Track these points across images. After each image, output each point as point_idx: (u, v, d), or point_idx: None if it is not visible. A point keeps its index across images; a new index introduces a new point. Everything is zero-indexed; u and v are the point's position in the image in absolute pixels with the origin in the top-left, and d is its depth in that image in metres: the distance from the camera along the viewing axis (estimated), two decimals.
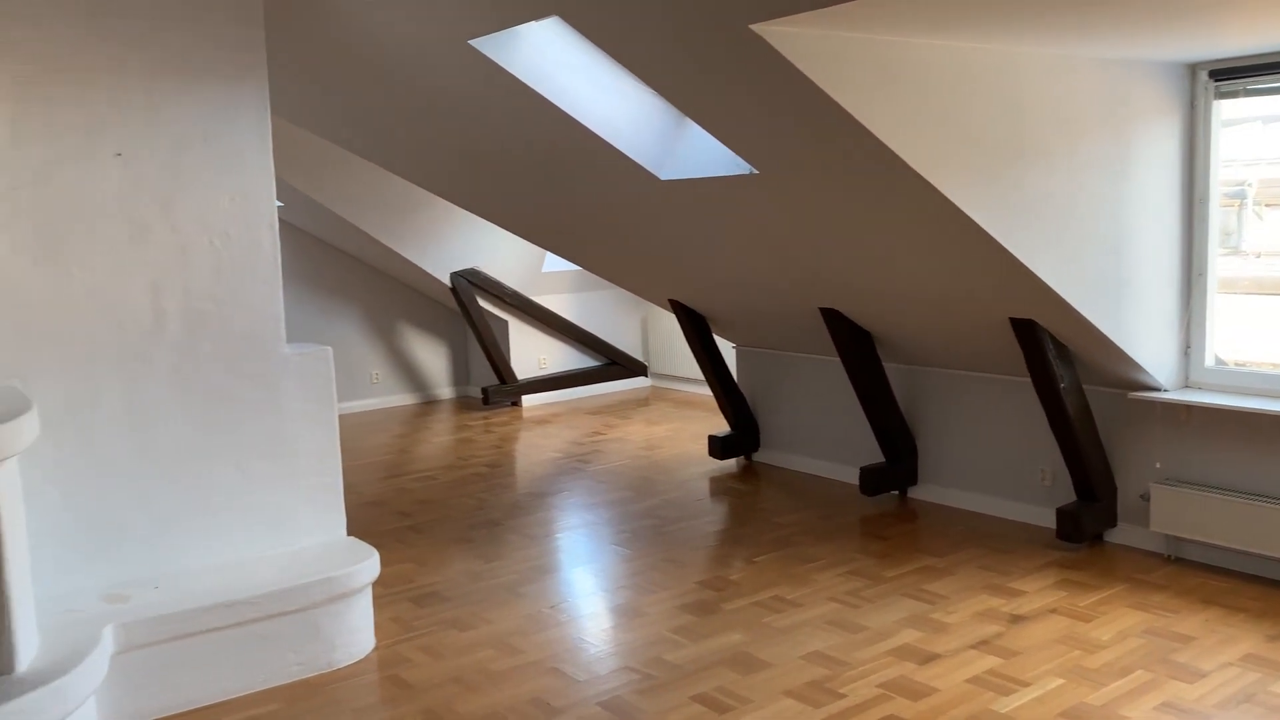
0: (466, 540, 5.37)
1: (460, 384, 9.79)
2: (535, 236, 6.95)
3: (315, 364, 4.09)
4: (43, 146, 3.49)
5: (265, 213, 3.93)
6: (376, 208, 8.05)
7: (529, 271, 9.00)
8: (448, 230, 8.53)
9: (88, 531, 3.63)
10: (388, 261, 8.87)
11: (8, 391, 3.33)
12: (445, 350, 9.73)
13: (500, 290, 8.90)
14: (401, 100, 5.30)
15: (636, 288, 7.10)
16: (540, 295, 9.18)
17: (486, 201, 6.55)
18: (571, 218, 6.00)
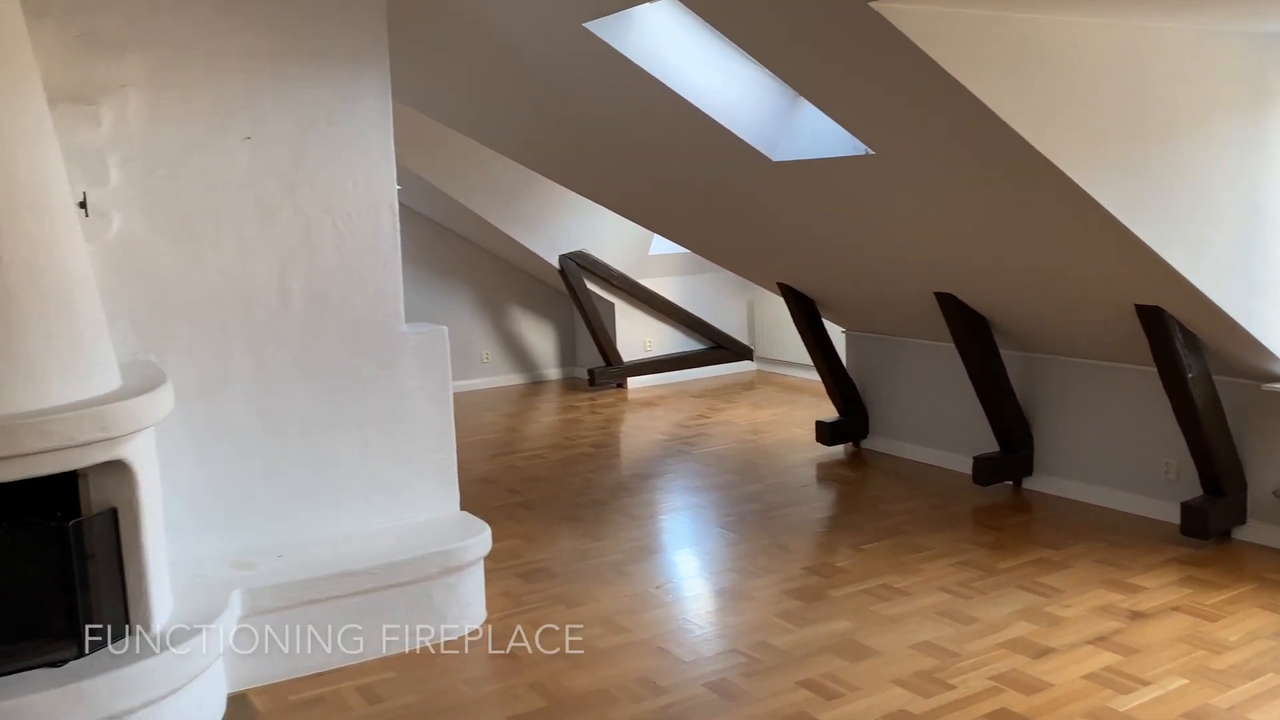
0: (573, 519, 5.44)
1: (567, 365, 9.90)
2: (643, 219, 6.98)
3: (432, 343, 4.19)
4: (178, 130, 3.64)
5: (386, 195, 4.03)
6: (489, 191, 8.18)
7: (636, 254, 9.03)
8: (557, 213, 8.62)
9: (217, 500, 3.80)
10: (499, 244, 9.01)
11: (145, 365, 3.50)
12: (552, 332, 9.84)
13: (607, 273, 8.95)
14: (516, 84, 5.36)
15: (744, 271, 7.07)
16: (647, 278, 9.20)
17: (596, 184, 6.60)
18: (681, 200, 6.00)
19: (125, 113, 3.53)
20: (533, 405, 8.76)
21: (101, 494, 3.08)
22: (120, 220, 3.55)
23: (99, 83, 3.48)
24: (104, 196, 3.51)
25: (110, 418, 2.92)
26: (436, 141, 7.38)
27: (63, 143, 3.24)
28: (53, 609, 3.05)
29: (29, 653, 2.96)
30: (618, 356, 9.10)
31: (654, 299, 9.23)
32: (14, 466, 2.80)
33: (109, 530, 3.08)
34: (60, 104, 3.35)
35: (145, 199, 3.59)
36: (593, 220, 8.65)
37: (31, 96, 3.03)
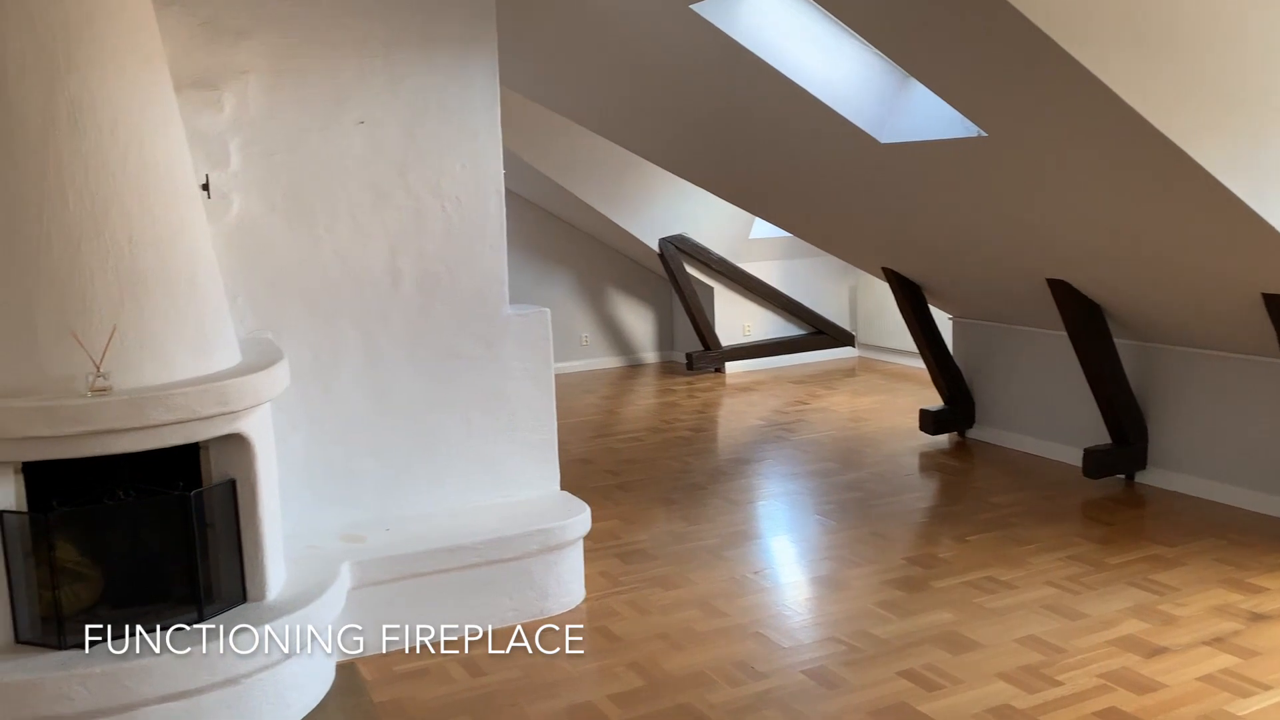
0: (671, 501, 5.46)
1: (665, 349, 9.92)
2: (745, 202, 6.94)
3: (535, 325, 4.24)
4: (295, 115, 3.75)
5: (493, 179, 4.09)
6: (591, 174, 8.23)
7: (736, 238, 8.98)
8: (657, 196, 8.62)
9: (328, 475, 3.91)
10: (599, 227, 9.06)
11: (262, 343, 3.62)
12: (651, 315, 9.87)
13: (707, 256, 8.93)
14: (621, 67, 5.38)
15: (848, 255, 6.97)
16: (747, 262, 9.15)
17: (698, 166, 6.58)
18: (784, 183, 5.95)
19: (246, 98, 3.65)
20: (630, 388, 8.81)
21: (221, 466, 3.20)
22: (240, 202, 3.68)
23: (221, 69, 3.60)
24: (225, 179, 3.64)
25: (230, 393, 3.03)
26: (540, 126, 7.45)
27: (187, 127, 3.36)
28: (174, 575, 3.19)
29: (152, 616, 3.09)
30: (716, 341, 9.08)
31: (753, 283, 9.17)
32: (141, 437, 2.92)
33: (228, 501, 3.20)
34: (185, 90, 3.48)
35: (264, 182, 3.71)
36: (693, 204, 8.63)
37: (160, 83, 3.15)
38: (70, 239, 2.91)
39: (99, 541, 3.16)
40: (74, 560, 3.08)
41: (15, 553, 2.93)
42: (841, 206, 5.85)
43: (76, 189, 2.92)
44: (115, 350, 2.89)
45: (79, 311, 2.90)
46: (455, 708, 3.30)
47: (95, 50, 2.96)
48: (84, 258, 2.91)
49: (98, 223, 2.93)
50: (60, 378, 2.87)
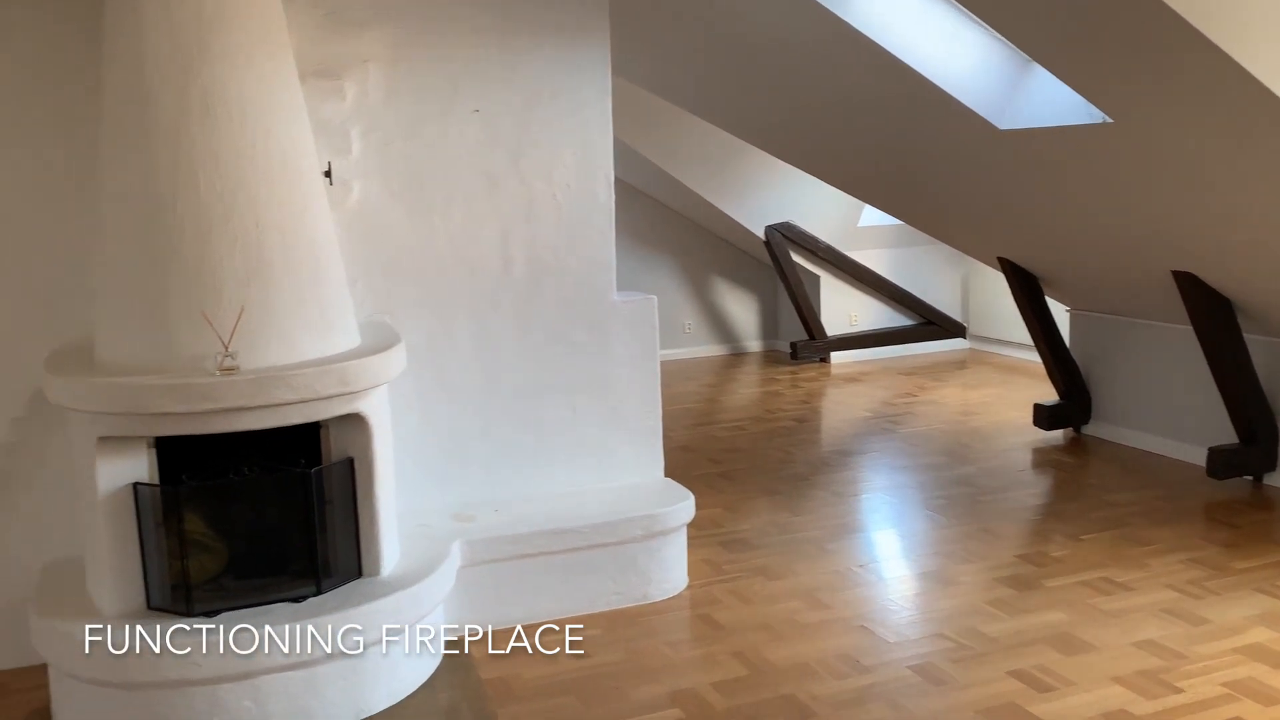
0: (774, 491, 5.43)
1: (769, 337, 9.85)
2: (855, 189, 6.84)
3: (641, 311, 4.26)
4: (412, 104, 3.83)
5: (603, 166, 4.11)
6: (697, 161, 8.21)
7: (844, 226, 8.85)
8: (764, 184, 8.55)
9: (439, 456, 4.00)
10: (704, 214, 9.04)
11: (380, 326, 3.72)
12: (755, 303, 9.80)
13: (814, 244, 8.82)
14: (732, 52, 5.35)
15: (961, 244, 6.81)
16: (855, 250, 9.00)
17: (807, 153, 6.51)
18: (896, 170, 5.84)
19: (366, 87, 3.75)
20: (733, 376, 8.78)
21: (340, 444, 3.31)
22: (360, 189, 3.78)
23: (343, 59, 3.70)
24: (346, 166, 3.74)
25: (350, 374, 3.13)
26: (647, 113, 7.46)
27: (311, 116, 3.46)
28: (294, 549, 3.31)
29: (273, 588, 3.22)
30: (821, 330, 8.97)
31: (861, 272, 9.03)
32: (265, 415, 3.04)
33: (346, 479, 3.30)
34: (309, 79, 3.59)
35: (382, 169, 3.81)
36: (800, 191, 8.53)
37: (286, 73, 3.26)
38: (201, 224, 3.03)
39: (225, 515, 3.30)
40: (201, 532, 3.22)
41: (148, 523, 3.08)
42: (956, 194, 5.71)
43: (208, 176, 3.03)
44: (242, 331, 3.01)
45: (209, 293, 3.02)
46: (560, 688, 3.35)
47: (226, 42, 3.07)
48: (214, 242, 3.03)
49: (227, 209, 3.05)
50: (191, 357, 3.00)
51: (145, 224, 3.04)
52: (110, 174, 3.13)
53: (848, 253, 8.97)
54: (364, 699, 3.16)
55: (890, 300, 9.21)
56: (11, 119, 3.41)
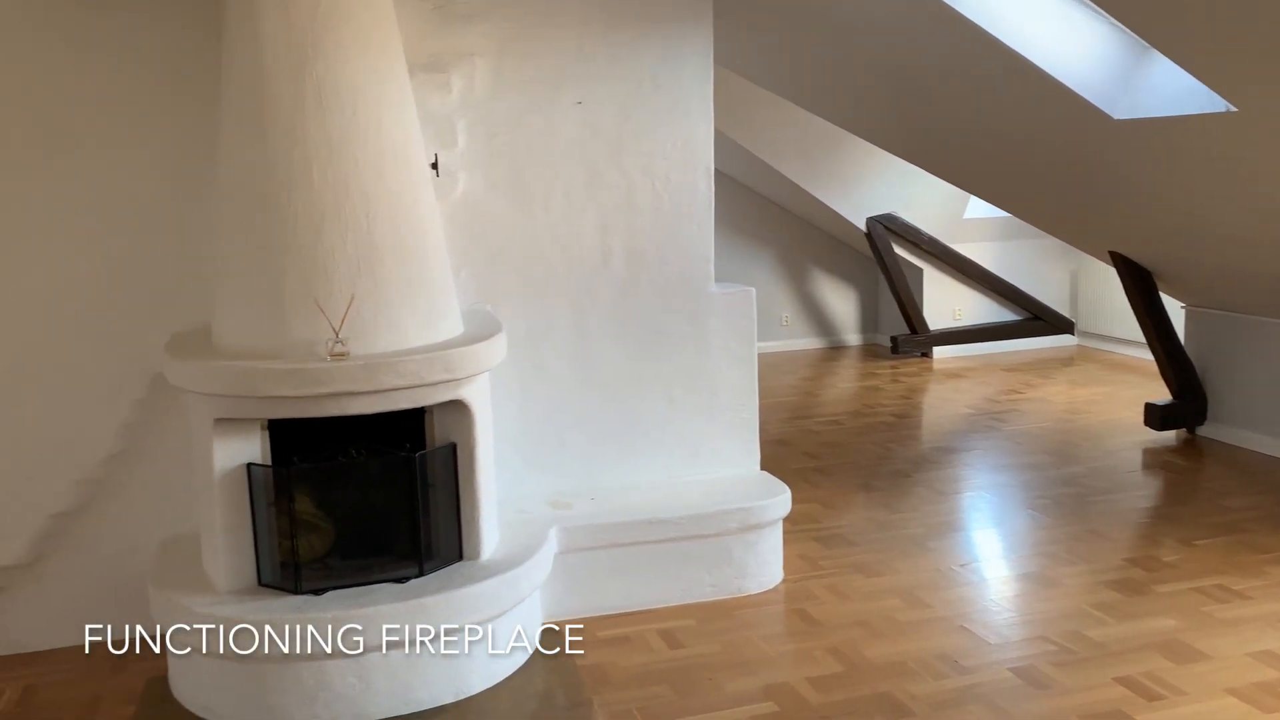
0: (872, 488, 5.36)
1: (868, 331, 9.71)
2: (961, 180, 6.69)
3: (739, 304, 4.24)
4: (517, 96, 3.88)
5: (703, 158, 4.11)
6: (796, 152, 8.13)
7: (949, 218, 8.67)
8: (865, 175, 8.43)
9: (538, 443, 4.06)
10: (803, 206, 8.95)
11: (483, 315, 3.79)
12: (855, 296, 9.67)
13: (917, 237, 8.66)
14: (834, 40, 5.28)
15: (1071, 237, 6.61)
16: (960, 243, 8.81)
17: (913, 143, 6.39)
18: (1005, 160, 5.69)
19: (473, 80, 3.81)
20: (831, 370, 8.68)
21: (443, 430, 3.38)
22: (465, 180, 3.85)
23: (451, 53, 3.78)
24: (452, 158, 3.82)
25: (455, 361, 3.19)
26: (745, 102, 7.42)
27: (419, 108, 3.54)
28: (399, 531, 3.40)
29: (377, 569, 3.31)
30: (923, 324, 8.81)
31: (966, 265, 8.83)
32: (373, 400, 3.12)
33: (448, 463, 3.37)
34: (418, 73, 3.67)
35: (487, 161, 3.87)
36: (903, 182, 8.38)
37: (396, 67, 3.33)
38: (314, 214, 3.12)
39: (332, 496, 3.41)
40: (310, 512, 3.33)
41: (260, 502, 3.20)
42: (1067, 186, 5.54)
43: (321, 168, 3.13)
44: (352, 318, 3.10)
45: (321, 281, 3.11)
46: (654, 677, 3.37)
47: (340, 37, 3.16)
48: (326, 232, 3.13)
49: (339, 199, 3.14)
50: (303, 342, 3.10)
51: (261, 214, 3.15)
52: (229, 167, 3.25)
53: (952, 245, 8.79)
54: (463, 680, 3.23)
55: (996, 295, 8.99)
56: (136, 118, 3.56)
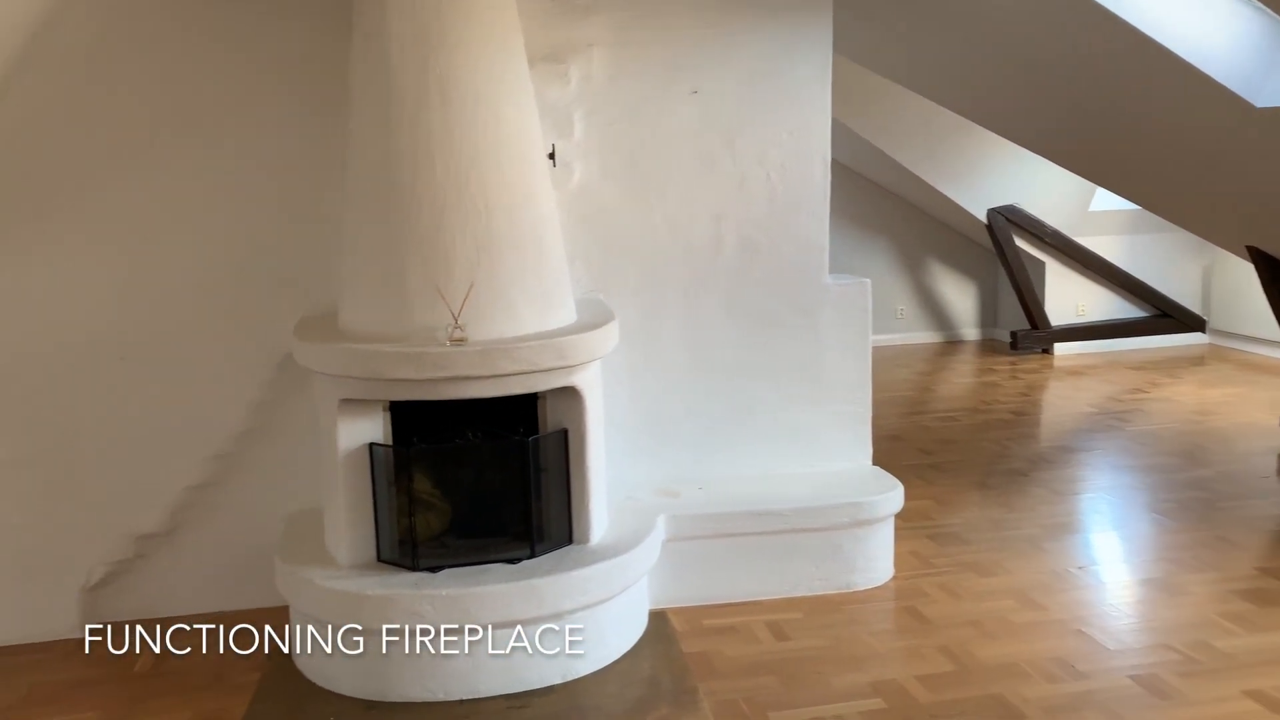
0: (987, 486, 5.24)
1: (987, 326, 9.47)
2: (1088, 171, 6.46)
3: (854, 295, 4.19)
4: (633, 86, 3.91)
5: (819, 147, 4.07)
6: (915, 140, 7.97)
7: (1074, 210, 8.39)
8: (986, 165, 8.22)
9: (647, 431, 4.09)
10: (921, 196, 8.77)
11: (595, 303, 3.84)
12: (973, 290, 9.44)
13: (1040, 229, 8.40)
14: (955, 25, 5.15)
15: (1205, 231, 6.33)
16: (1085, 236, 8.52)
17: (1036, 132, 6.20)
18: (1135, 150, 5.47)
19: (590, 70, 3.86)
20: (947, 365, 8.50)
21: (555, 416, 3.44)
22: (581, 170, 3.90)
23: (569, 43, 3.82)
24: (568, 148, 3.87)
25: (568, 348, 3.24)
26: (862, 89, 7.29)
27: (537, 98, 3.59)
28: (511, 513, 3.47)
29: (490, 549, 3.39)
30: (1045, 320, 8.55)
31: (1091, 259, 8.54)
32: (489, 385, 3.19)
33: (560, 449, 3.43)
34: (537, 64, 3.72)
35: (603, 150, 3.91)
36: (1026, 172, 8.14)
37: (516, 58, 3.39)
38: (436, 203, 3.21)
39: (449, 477, 3.50)
40: (427, 492, 3.43)
41: (381, 481, 3.31)
42: (1203, 177, 5.30)
43: (443, 158, 3.21)
44: (471, 305, 3.17)
45: (441, 269, 3.20)
46: (761, 668, 3.37)
47: (463, 29, 3.23)
48: (447, 221, 3.21)
49: (460, 189, 3.21)
50: (424, 328, 3.19)
51: (385, 204, 3.25)
52: (356, 159, 3.35)
53: (1077, 238, 8.50)
54: (570, 662, 3.29)
55: (1122, 290, 8.67)
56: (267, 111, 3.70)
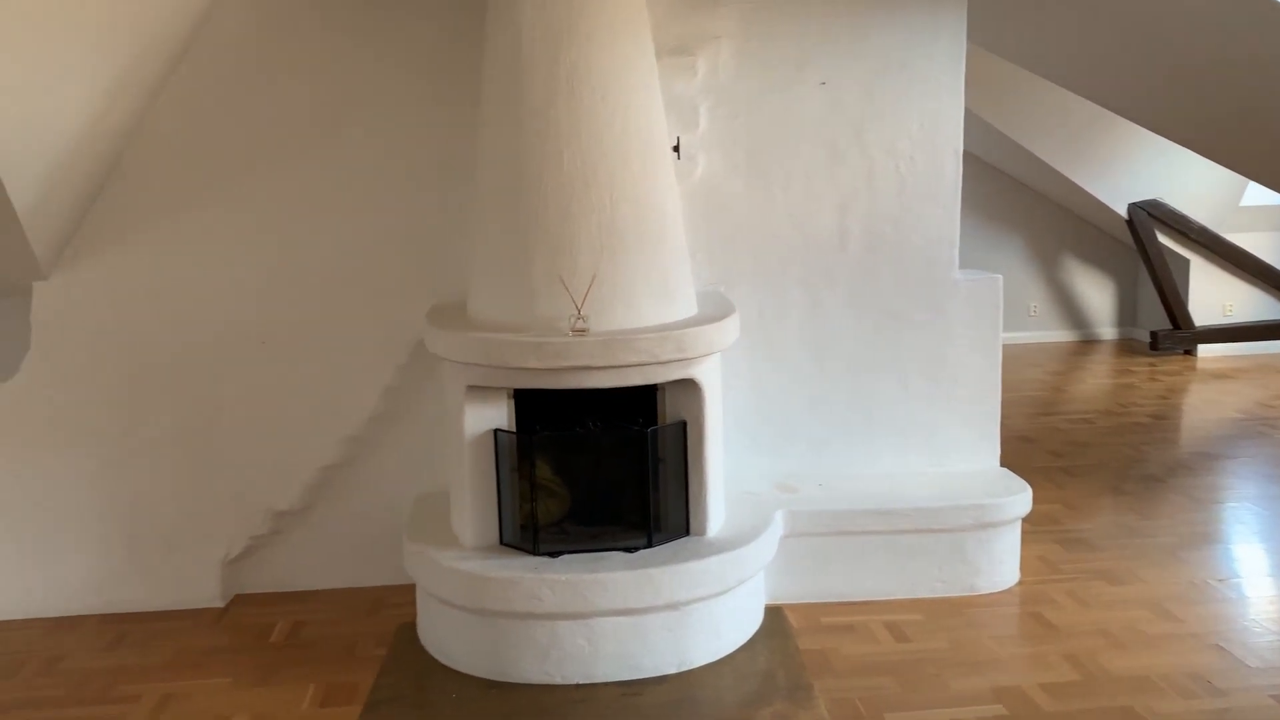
0: (1121, 491, 5.04)
1: (1125, 325, 9.09)
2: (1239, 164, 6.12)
3: (984, 292, 4.08)
4: (758, 77, 3.89)
5: (951, 139, 3.97)
6: (1051, 131, 7.70)
7: (1223, 204, 7.97)
8: (1128, 157, 7.88)
9: (766, 425, 4.07)
10: (1058, 189, 8.47)
11: (716, 296, 3.84)
12: (1111, 287, 9.08)
13: (1185, 225, 8.02)
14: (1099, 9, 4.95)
15: None
16: (1234, 232, 8.09)
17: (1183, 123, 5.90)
18: None
19: (717, 63, 3.85)
20: (1082, 365, 8.19)
21: (674, 408, 3.45)
22: (705, 162, 3.90)
23: (697, 36, 3.83)
24: (693, 141, 3.87)
25: (688, 341, 3.25)
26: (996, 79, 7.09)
27: (663, 91, 3.61)
28: (629, 502, 3.51)
29: (608, 537, 3.43)
30: (1188, 319, 8.16)
31: (1240, 257, 8.10)
32: (609, 375, 3.23)
33: (678, 440, 3.44)
34: (664, 57, 3.74)
35: (727, 143, 3.90)
36: (1170, 165, 7.78)
37: (644, 51, 3.41)
38: (562, 197, 3.26)
39: (569, 465, 3.56)
40: (548, 479, 3.50)
41: (504, 466, 3.38)
42: None
43: (570, 151, 3.25)
44: (593, 296, 3.21)
45: (566, 261, 3.25)
46: (878, 668, 3.32)
47: (593, 23, 3.27)
48: (573, 213, 3.25)
49: (586, 181, 3.25)
50: (548, 318, 3.24)
51: (514, 196, 3.32)
52: (486, 151, 3.43)
53: (1225, 235, 8.08)
54: (686, 652, 3.31)
55: (1274, 289, 8.20)
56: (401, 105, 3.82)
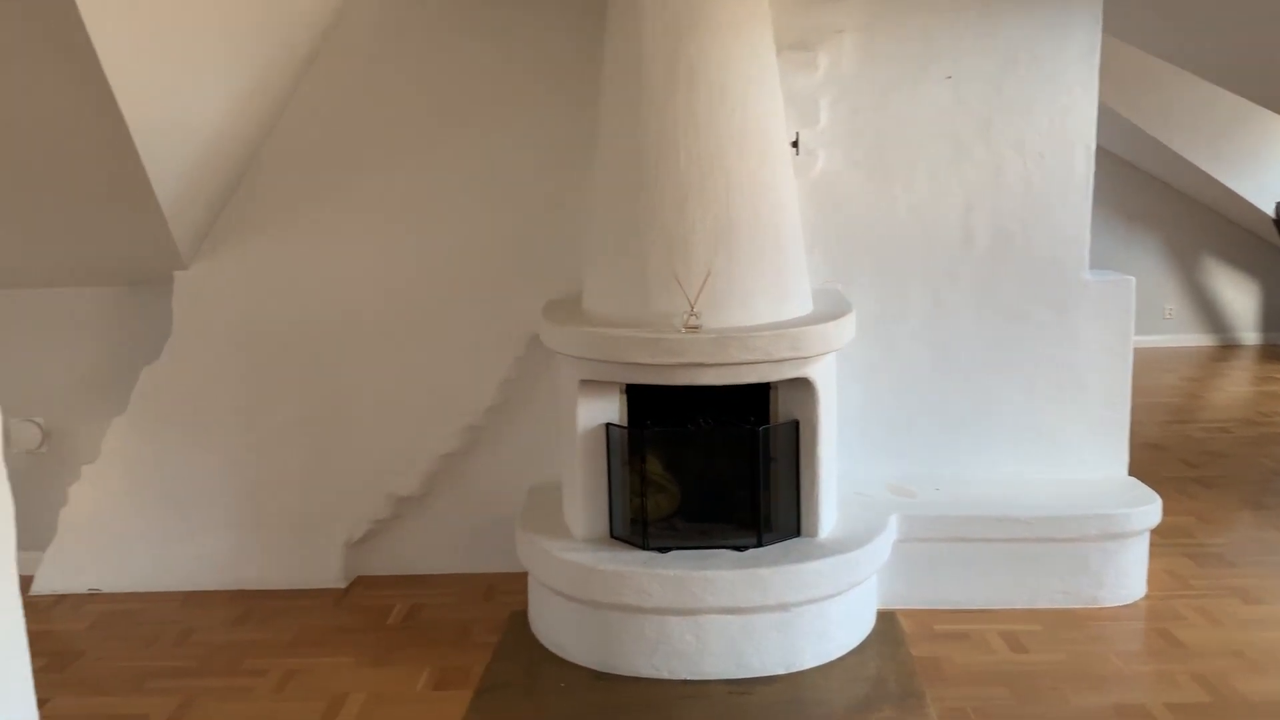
0: (1260, 505, 4.77)
1: (1270, 330, 8.62)
2: None
3: (1116, 294, 3.92)
4: (884, 71, 3.81)
5: (1082, 134, 3.82)
6: (1193, 126, 7.34)
7: None
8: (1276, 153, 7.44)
9: (881, 426, 4.00)
10: (1199, 186, 8.07)
11: (833, 294, 3.78)
12: (1256, 289, 8.62)
13: None
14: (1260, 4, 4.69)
15: None
16: None
17: None
18: None
19: (839, 57, 3.79)
20: (1221, 371, 7.79)
21: (787, 406, 3.42)
22: (824, 158, 3.84)
23: (819, 30, 3.77)
24: (812, 136, 3.82)
25: (802, 339, 3.21)
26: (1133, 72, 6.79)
27: (783, 86, 3.57)
28: (739, 500, 3.48)
29: (717, 534, 3.43)
30: None
31: None
32: (721, 373, 3.21)
33: (790, 440, 3.41)
34: (784, 51, 3.70)
35: (848, 138, 3.84)
36: None
37: (764, 46, 3.38)
38: (679, 193, 3.25)
39: (680, 461, 3.56)
40: (659, 474, 3.51)
41: (616, 460, 3.40)
42: None
43: (688, 146, 3.25)
44: (707, 293, 3.20)
45: (680, 257, 3.24)
46: (993, 678, 3.23)
47: (713, 18, 3.25)
48: (689, 209, 3.25)
49: (702, 177, 3.24)
50: (661, 314, 3.25)
51: (630, 191, 3.33)
52: (604, 147, 3.45)
53: None
54: (795, 654, 3.27)
55: None
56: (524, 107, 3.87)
